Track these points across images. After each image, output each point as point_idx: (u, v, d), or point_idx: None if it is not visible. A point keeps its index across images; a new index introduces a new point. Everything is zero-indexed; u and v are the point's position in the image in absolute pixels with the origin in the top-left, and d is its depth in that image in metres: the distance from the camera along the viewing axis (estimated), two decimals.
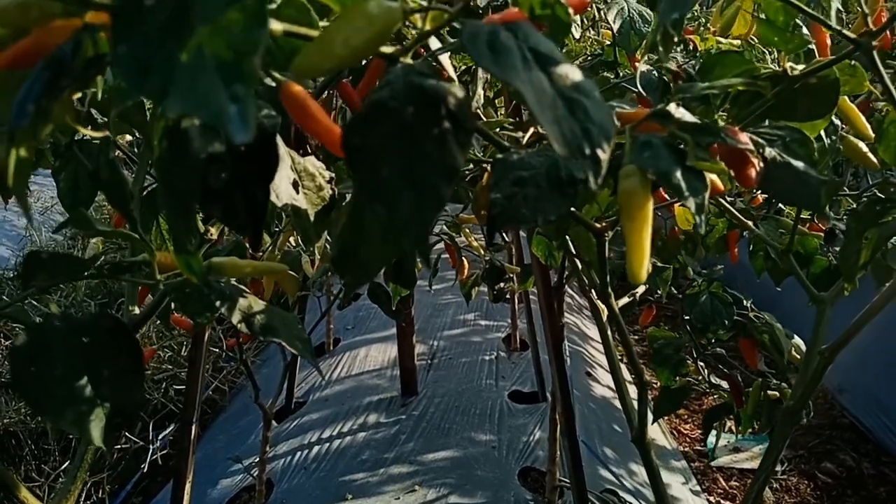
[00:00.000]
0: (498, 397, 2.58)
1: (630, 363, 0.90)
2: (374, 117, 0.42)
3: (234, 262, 0.73)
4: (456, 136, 0.42)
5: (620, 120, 0.59)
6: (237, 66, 0.28)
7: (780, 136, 0.63)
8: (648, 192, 0.52)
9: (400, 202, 0.41)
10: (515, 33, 0.41)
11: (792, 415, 0.92)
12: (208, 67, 0.28)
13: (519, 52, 0.40)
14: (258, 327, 0.69)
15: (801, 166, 0.61)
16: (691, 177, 0.51)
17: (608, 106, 0.42)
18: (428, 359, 2.98)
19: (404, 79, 0.43)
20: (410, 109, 0.42)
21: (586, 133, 0.39)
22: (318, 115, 0.49)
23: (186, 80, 0.28)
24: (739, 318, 1.31)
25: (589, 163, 0.39)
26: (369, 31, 0.38)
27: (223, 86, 0.28)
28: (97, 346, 0.66)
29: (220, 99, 0.27)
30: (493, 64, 0.38)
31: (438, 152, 0.41)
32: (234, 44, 0.28)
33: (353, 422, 2.43)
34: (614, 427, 2.74)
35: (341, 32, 0.37)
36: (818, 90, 0.74)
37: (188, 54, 0.29)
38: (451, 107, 0.42)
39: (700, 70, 0.71)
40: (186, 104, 0.27)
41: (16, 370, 0.63)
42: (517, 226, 0.54)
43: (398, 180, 0.41)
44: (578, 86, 0.41)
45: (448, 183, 0.41)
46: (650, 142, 0.53)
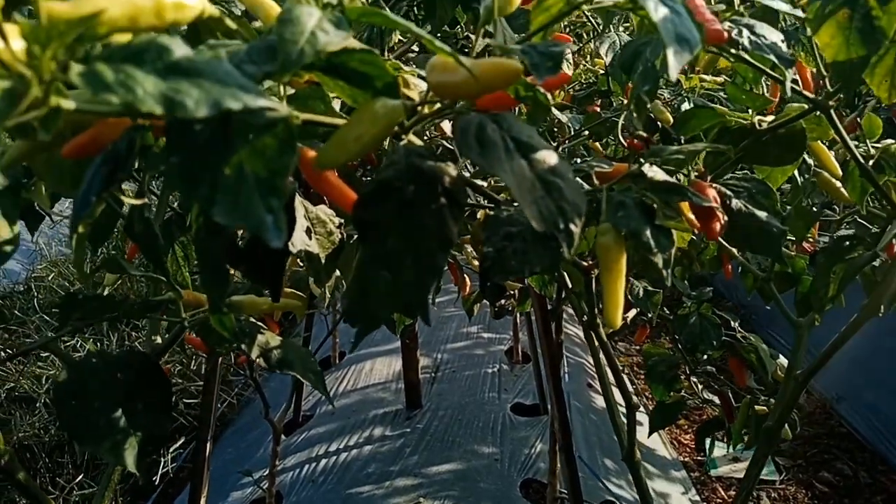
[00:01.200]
0: (500, 410, 2.64)
1: (619, 387, 0.97)
2: (381, 195, 0.49)
3: (252, 300, 0.80)
4: (451, 210, 0.49)
5: (598, 179, 0.66)
6: (272, 182, 0.35)
7: (746, 187, 0.70)
8: (622, 247, 0.58)
9: (403, 269, 0.48)
10: (500, 124, 0.48)
11: (771, 434, 0.99)
12: (248, 183, 0.35)
13: (503, 144, 0.47)
14: (275, 361, 0.76)
15: (764, 216, 0.68)
16: (660, 235, 0.58)
17: (580, 186, 0.48)
18: (432, 372, 3.04)
19: (406, 160, 0.50)
20: (412, 188, 0.49)
21: (561, 211, 0.46)
22: (331, 179, 0.56)
23: (230, 194, 0.35)
24: (727, 338, 1.38)
25: (563, 235, 0.46)
26: (377, 127, 0.45)
27: (261, 199, 0.34)
28: (130, 381, 0.73)
29: (259, 212, 0.34)
30: (481, 157, 0.45)
31: (436, 226, 0.48)
32: (268, 164, 0.35)
33: (359, 435, 2.49)
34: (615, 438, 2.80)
35: (354, 131, 0.44)
36: (787, 139, 0.81)
37: (231, 169, 0.36)
38: (447, 185, 0.49)
39: (677, 122, 0.78)
40: (232, 216, 0.34)
41: (59, 404, 0.70)
42: (507, 276, 0.60)
43: (401, 251, 0.48)
44: (555, 169, 0.48)
45: (444, 253, 0.48)
46: (623, 202, 0.60)
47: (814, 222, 1.16)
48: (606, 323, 0.58)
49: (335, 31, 0.37)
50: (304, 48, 0.36)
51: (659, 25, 0.39)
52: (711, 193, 0.66)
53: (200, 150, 0.37)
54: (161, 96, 0.30)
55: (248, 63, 0.37)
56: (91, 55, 0.32)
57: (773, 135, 0.79)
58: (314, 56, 0.36)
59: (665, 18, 0.39)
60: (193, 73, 0.31)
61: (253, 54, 0.38)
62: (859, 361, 3.30)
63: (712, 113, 0.77)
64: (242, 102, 0.31)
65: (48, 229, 5.57)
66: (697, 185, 0.67)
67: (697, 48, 0.40)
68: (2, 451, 0.79)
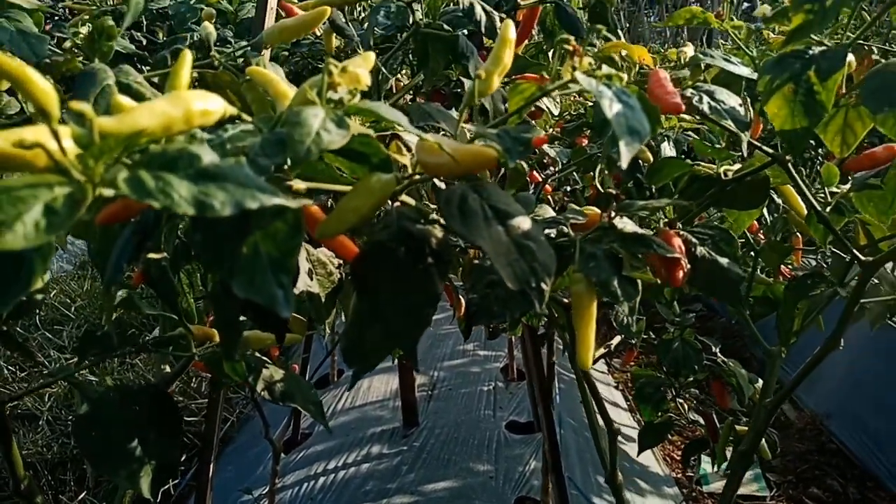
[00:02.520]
0: (495, 428, 2.69)
1: (600, 413, 1.03)
2: (375, 255, 0.55)
3: (258, 336, 0.87)
4: (437, 268, 0.56)
5: (574, 228, 0.73)
6: (283, 262, 0.41)
7: (710, 234, 0.77)
8: (593, 295, 0.65)
9: (394, 320, 0.54)
10: (481, 194, 0.55)
11: (744, 457, 1.05)
12: (262, 261, 0.42)
13: (482, 213, 0.53)
14: (278, 394, 0.82)
15: (726, 262, 0.74)
16: (626, 284, 0.64)
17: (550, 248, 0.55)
18: (428, 390, 3.09)
19: (398, 223, 0.57)
20: (402, 249, 0.55)
21: (533, 271, 0.53)
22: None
23: (247, 271, 0.41)
24: (709, 362, 1.44)
25: (535, 293, 0.53)
26: (373, 199, 0.52)
27: (273, 277, 0.41)
28: (145, 413, 0.79)
29: (272, 288, 0.40)
30: (462, 226, 0.51)
31: (423, 283, 0.54)
32: (279, 246, 0.42)
33: (357, 453, 2.54)
34: None
35: (352, 203, 0.51)
36: (753, 186, 0.87)
37: (248, 248, 0.42)
38: (434, 246, 0.56)
39: (648, 172, 0.85)
40: (248, 291, 0.41)
41: (79, 435, 0.76)
42: (491, 320, 0.67)
43: (392, 305, 0.54)
44: (528, 233, 0.54)
45: (431, 307, 0.54)
46: (594, 254, 0.66)
47: (787, 254, 1.22)
48: (578, 364, 0.64)
49: (336, 131, 0.44)
50: (310, 147, 0.42)
51: (612, 121, 0.45)
52: (677, 242, 0.72)
53: (223, 232, 0.43)
54: (193, 199, 0.36)
55: (262, 156, 0.44)
56: (133, 160, 0.39)
57: (738, 182, 0.86)
58: (319, 154, 0.42)
59: (618, 114, 0.46)
60: (219, 178, 0.38)
61: (266, 147, 0.44)
62: (850, 378, 3.36)
63: (681, 163, 0.84)
64: (260, 202, 0.37)
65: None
66: (665, 234, 0.74)
67: (647, 137, 0.46)
68: (21, 476, 0.86)
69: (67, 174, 0.37)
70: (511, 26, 0.55)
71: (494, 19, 0.89)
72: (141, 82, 0.66)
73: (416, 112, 0.97)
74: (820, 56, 0.61)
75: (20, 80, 0.37)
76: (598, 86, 0.47)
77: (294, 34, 0.74)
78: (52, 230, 0.34)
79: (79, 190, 0.36)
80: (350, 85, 0.48)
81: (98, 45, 0.70)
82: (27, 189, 0.35)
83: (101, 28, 0.69)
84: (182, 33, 1.40)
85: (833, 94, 0.61)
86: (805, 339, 1.13)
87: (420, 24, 0.92)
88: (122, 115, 0.38)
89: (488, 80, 0.55)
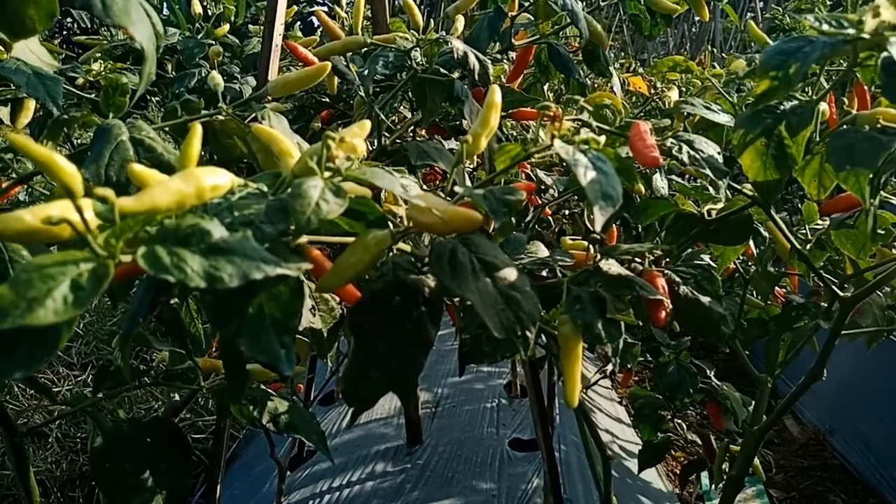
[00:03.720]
0: (498, 445, 2.72)
1: (594, 441, 1.06)
2: (372, 304, 0.59)
3: (262, 370, 0.91)
4: (430, 316, 0.60)
5: (562, 270, 0.76)
6: (285, 323, 0.45)
7: (693, 274, 0.81)
8: (579, 336, 0.69)
9: (390, 367, 0.58)
10: (469, 247, 0.59)
11: (734, 481, 1.08)
12: (266, 322, 0.46)
13: (470, 266, 0.57)
14: (283, 426, 0.86)
15: (708, 301, 0.78)
16: (610, 326, 0.68)
17: (535, 298, 0.58)
18: (432, 407, 3.12)
19: (393, 273, 0.61)
20: (398, 299, 0.59)
21: (519, 320, 0.57)
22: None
23: (253, 331, 0.45)
24: (704, 385, 1.47)
25: (520, 341, 0.57)
26: (370, 255, 0.56)
27: (276, 337, 0.45)
28: (157, 445, 0.83)
29: (275, 348, 0.44)
30: (452, 280, 0.55)
31: (418, 332, 0.58)
32: (282, 307, 0.46)
33: (361, 471, 2.57)
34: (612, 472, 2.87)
35: (351, 259, 0.55)
36: (737, 223, 0.91)
37: (254, 310, 0.46)
38: (427, 295, 0.60)
39: (635, 212, 0.89)
40: (253, 349, 0.45)
41: (94, 466, 0.80)
42: (482, 360, 0.71)
43: (389, 353, 0.58)
44: (514, 284, 0.58)
45: (424, 353, 0.58)
46: (580, 296, 0.70)
47: (777, 281, 1.26)
48: (566, 401, 0.68)
49: (334, 200, 0.48)
50: (310, 217, 0.46)
51: (586, 188, 0.49)
52: (660, 283, 0.76)
53: (230, 294, 0.47)
54: (205, 273, 0.40)
55: (267, 223, 0.48)
56: (150, 234, 0.43)
57: (723, 221, 0.89)
58: (318, 223, 0.46)
59: (593, 181, 0.50)
60: (228, 252, 0.42)
61: (270, 215, 0.49)
62: (852, 393, 3.38)
63: (667, 203, 0.88)
64: (264, 273, 0.42)
65: None
66: (649, 274, 0.78)
67: (619, 203, 0.50)
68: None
69: (91, 249, 0.41)
70: (497, 91, 0.59)
71: (487, 67, 0.93)
72: (153, 137, 0.70)
73: (413, 151, 1.02)
74: (790, 112, 0.65)
75: (48, 164, 0.41)
76: (575, 154, 0.51)
77: (297, 87, 0.79)
78: (78, 305, 0.38)
79: (102, 266, 0.40)
80: (348, 153, 0.52)
81: (112, 100, 0.74)
82: (55, 266, 0.39)
83: (116, 84, 0.74)
84: (191, 68, 1.45)
85: (802, 147, 0.65)
86: (806, 353, 1.16)
87: (417, 70, 0.96)
88: (140, 195, 0.42)
89: (476, 141, 0.59)
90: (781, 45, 0.57)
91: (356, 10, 1.49)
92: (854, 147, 0.59)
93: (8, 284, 0.38)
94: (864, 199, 0.62)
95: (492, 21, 1.01)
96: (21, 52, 0.67)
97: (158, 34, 0.62)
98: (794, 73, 0.55)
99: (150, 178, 0.52)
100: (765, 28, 4.67)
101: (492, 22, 1.01)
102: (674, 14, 1.11)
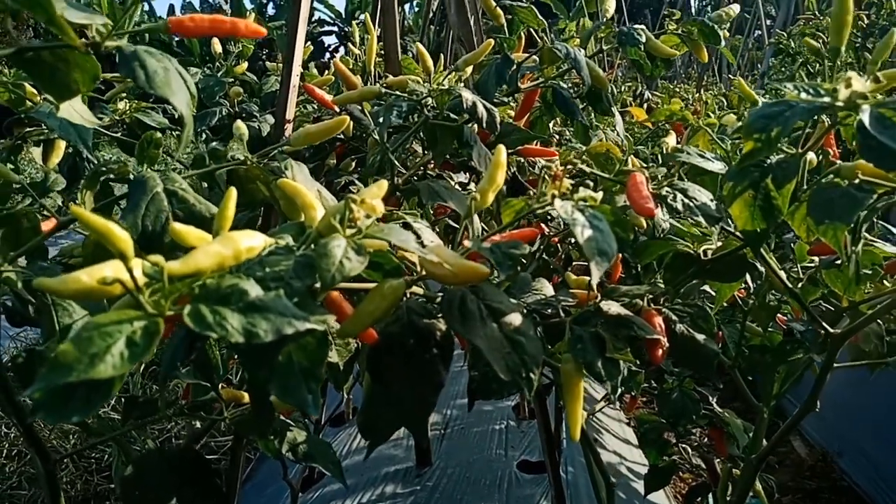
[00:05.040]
0: (507, 467, 2.75)
1: (598, 468, 1.10)
2: (389, 347, 0.65)
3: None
4: (441, 358, 0.65)
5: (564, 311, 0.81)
6: (312, 370, 0.50)
7: (689, 312, 0.85)
8: (581, 374, 0.73)
9: (404, 405, 0.63)
10: (478, 294, 0.64)
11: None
12: (295, 369, 0.51)
13: (478, 313, 0.62)
14: (301, 455, 0.91)
15: (702, 339, 0.83)
16: (609, 365, 0.73)
17: (538, 341, 0.63)
18: (441, 428, 3.16)
19: (408, 318, 0.66)
20: (412, 342, 0.64)
21: (523, 363, 0.62)
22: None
23: (282, 377, 0.51)
24: (706, 412, 1.51)
25: (525, 382, 0.62)
26: (386, 303, 0.61)
27: (304, 383, 0.50)
28: (182, 473, 0.88)
29: (303, 393, 0.49)
30: (462, 327, 0.60)
31: (430, 373, 0.63)
32: (310, 356, 0.51)
33: (371, 492, 2.61)
34: (619, 494, 2.90)
35: (368, 307, 0.60)
36: (732, 262, 0.96)
37: (283, 358, 0.51)
38: (438, 338, 0.65)
39: (634, 251, 0.94)
40: (282, 394, 0.50)
41: (124, 494, 0.85)
42: (490, 397, 0.75)
43: (403, 391, 0.63)
44: (519, 329, 0.63)
45: (436, 394, 0.63)
46: (581, 336, 0.75)
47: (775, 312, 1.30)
48: (570, 435, 0.72)
49: (356, 258, 0.53)
50: (335, 275, 0.52)
51: (584, 245, 0.54)
52: (658, 322, 0.81)
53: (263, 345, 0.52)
54: (243, 329, 0.46)
55: (296, 279, 0.53)
56: (193, 293, 0.48)
57: (718, 260, 0.94)
58: (342, 280, 0.52)
59: (589, 238, 0.55)
60: (263, 309, 0.47)
61: (298, 270, 0.54)
62: (860, 416, 3.39)
63: (665, 243, 0.92)
64: (295, 328, 0.47)
65: None
66: (647, 313, 0.83)
67: (614, 258, 0.55)
68: None
69: (142, 307, 0.46)
70: (503, 151, 0.65)
71: (495, 116, 0.99)
72: (185, 188, 0.76)
73: (425, 191, 1.07)
74: (776, 166, 0.69)
75: (105, 233, 0.47)
76: (573, 213, 0.56)
77: (317, 139, 0.85)
78: (133, 360, 0.44)
79: (153, 323, 0.46)
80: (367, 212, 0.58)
81: (147, 152, 0.80)
82: (112, 325, 0.45)
83: (150, 138, 0.80)
84: (211, 106, 1.52)
85: (788, 199, 0.69)
86: (811, 373, 1.20)
87: (429, 117, 1.02)
88: (185, 259, 0.48)
89: (484, 197, 0.64)
90: (765, 108, 0.62)
91: (369, 48, 1.55)
92: (833, 202, 0.64)
93: (71, 342, 0.43)
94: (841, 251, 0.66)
95: (499, 68, 1.07)
96: (66, 111, 0.73)
97: (193, 96, 0.68)
98: (776, 136, 0.60)
99: (188, 235, 0.57)
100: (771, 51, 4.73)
101: (499, 69, 1.07)
102: (673, 58, 1.16)
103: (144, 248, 0.72)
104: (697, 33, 1.19)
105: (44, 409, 0.46)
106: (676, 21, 1.21)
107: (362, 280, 0.66)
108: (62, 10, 0.58)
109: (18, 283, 0.81)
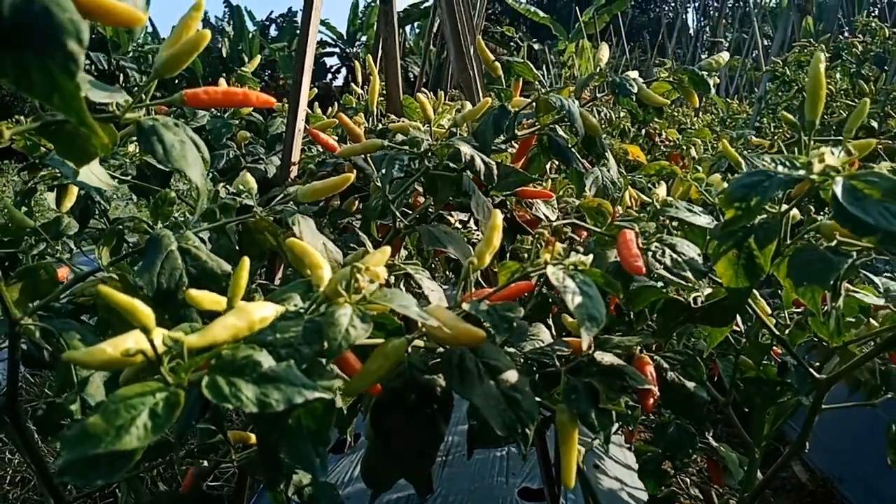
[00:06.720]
0: (508, 495, 2.76)
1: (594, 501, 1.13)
2: (391, 402, 0.68)
3: None
4: (441, 412, 0.68)
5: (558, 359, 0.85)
6: (319, 434, 0.54)
7: (680, 360, 0.89)
8: (575, 424, 0.77)
9: (405, 459, 0.67)
10: (476, 353, 0.67)
11: None
12: (304, 433, 0.54)
13: (476, 371, 0.66)
14: (306, 497, 0.94)
15: (693, 386, 0.86)
16: (602, 416, 0.76)
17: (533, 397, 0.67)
18: (443, 455, 3.17)
19: (409, 373, 0.69)
20: (413, 396, 0.68)
21: (519, 418, 0.65)
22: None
23: (292, 439, 0.54)
24: (702, 445, 1.54)
25: (521, 437, 0.65)
26: (389, 362, 0.65)
27: (312, 446, 0.54)
28: None
29: (311, 456, 0.53)
30: (460, 384, 0.64)
31: (430, 428, 0.67)
32: (317, 420, 0.54)
33: None
34: None
35: (372, 366, 0.64)
36: (722, 308, 0.99)
37: (293, 422, 0.55)
38: (438, 394, 0.68)
39: (627, 299, 0.97)
40: (292, 456, 0.53)
41: None
42: (489, 445, 0.79)
43: (404, 446, 0.66)
44: (515, 385, 0.67)
45: (436, 447, 0.67)
46: (576, 386, 0.78)
47: (767, 350, 1.33)
48: (564, 483, 0.75)
49: (361, 326, 0.57)
50: (341, 343, 0.55)
51: (574, 311, 0.58)
52: (649, 370, 0.84)
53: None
54: (257, 399, 0.49)
55: (304, 345, 0.57)
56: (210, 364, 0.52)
57: (708, 308, 0.98)
58: (348, 347, 0.55)
59: (580, 305, 0.59)
60: (275, 380, 0.51)
61: (307, 336, 0.58)
62: (860, 441, 3.40)
63: (657, 291, 0.96)
64: (305, 397, 0.50)
65: None
66: (639, 361, 0.86)
67: (603, 323, 0.59)
68: None
69: (163, 379, 0.50)
70: (499, 215, 0.69)
71: (492, 168, 1.03)
72: (198, 246, 0.80)
73: (425, 235, 1.11)
74: (759, 227, 0.73)
75: (129, 310, 0.51)
76: (565, 280, 0.60)
77: (323, 194, 0.89)
78: (156, 431, 0.47)
79: (173, 395, 0.49)
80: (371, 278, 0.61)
81: (161, 210, 0.84)
82: (136, 397, 0.48)
83: (165, 196, 0.84)
84: (219, 148, 1.56)
85: (769, 257, 0.73)
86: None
87: (430, 167, 1.06)
88: (203, 333, 0.52)
89: (481, 259, 0.68)
90: (745, 178, 0.66)
91: (372, 88, 1.60)
92: (811, 265, 0.67)
93: (99, 415, 0.47)
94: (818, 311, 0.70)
95: (496, 118, 1.11)
96: (85, 175, 0.77)
97: (206, 161, 0.72)
98: (756, 205, 0.63)
99: (203, 300, 0.61)
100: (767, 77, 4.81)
101: (496, 119, 1.11)
102: (663, 106, 1.21)
103: (160, 304, 0.76)
104: (688, 81, 1.24)
105: (71, 473, 0.49)
106: (668, 69, 1.25)
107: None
108: (87, 91, 0.62)
109: (37, 333, 0.84)
